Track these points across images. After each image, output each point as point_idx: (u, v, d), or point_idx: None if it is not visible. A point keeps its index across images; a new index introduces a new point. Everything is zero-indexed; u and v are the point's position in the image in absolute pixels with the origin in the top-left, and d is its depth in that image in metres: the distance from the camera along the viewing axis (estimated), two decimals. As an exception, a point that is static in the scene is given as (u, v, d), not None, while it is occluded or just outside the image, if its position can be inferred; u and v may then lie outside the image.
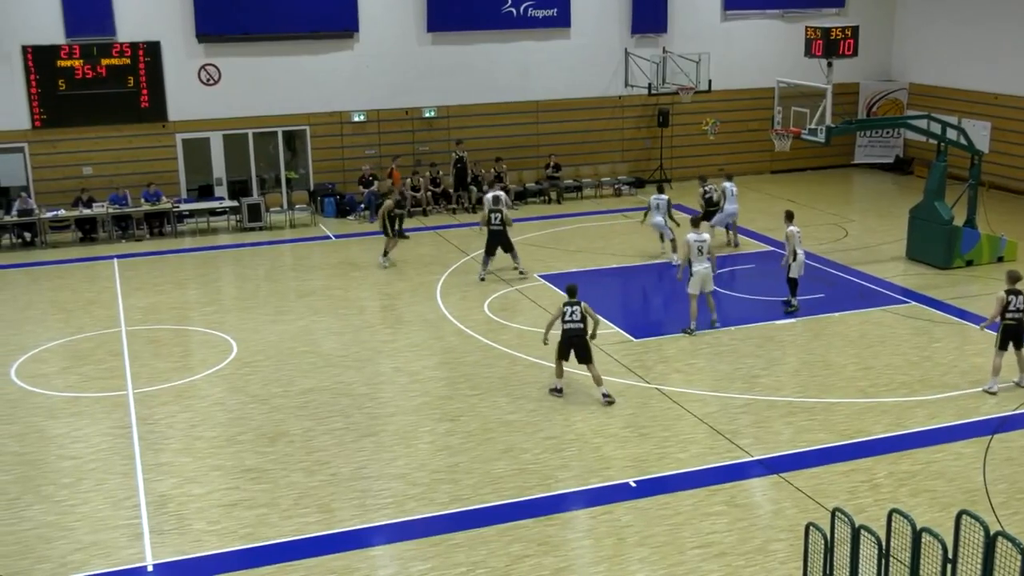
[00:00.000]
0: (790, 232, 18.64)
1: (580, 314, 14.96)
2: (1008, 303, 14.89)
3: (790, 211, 19.35)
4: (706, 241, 17.82)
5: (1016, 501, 12.02)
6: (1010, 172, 28.58)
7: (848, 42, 21.41)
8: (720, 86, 29.52)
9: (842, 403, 14.96)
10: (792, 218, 19.05)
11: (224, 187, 27.19)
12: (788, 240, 18.66)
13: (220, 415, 14.86)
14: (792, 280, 18.83)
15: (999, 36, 28.98)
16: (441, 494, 12.44)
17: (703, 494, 12.33)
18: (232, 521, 11.88)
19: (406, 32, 27.80)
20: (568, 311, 15.00)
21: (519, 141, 29.13)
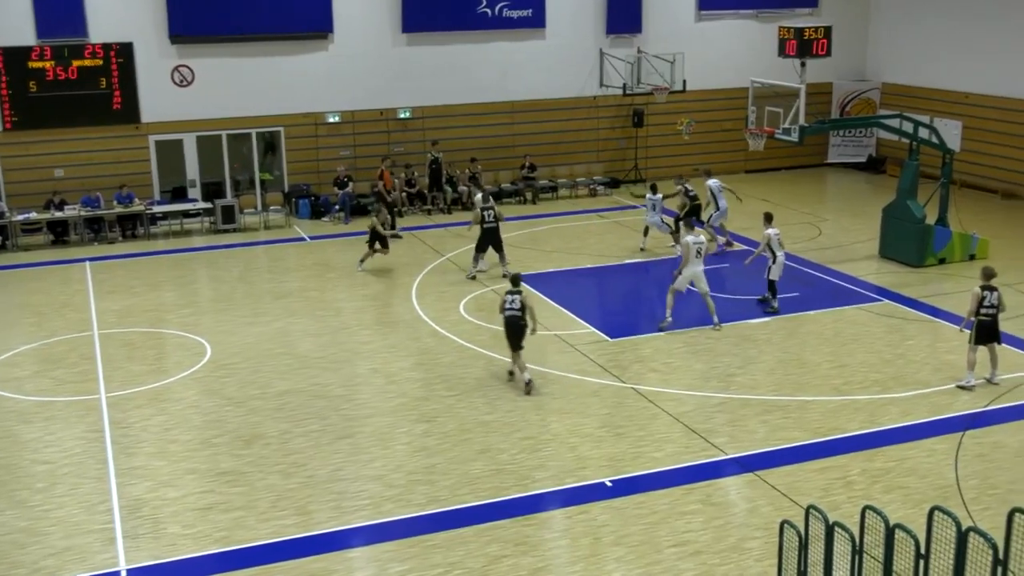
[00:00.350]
0: (766, 234, 18.75)
1: (520, 303, 15.31)
2: (983, 299, 15.03)
3: (769, 213, 19.45)
4: (703, 243, 18.17)
5: (987, 497, 12.13)
6: (981, 170, 28.83)
7: (821, 42, 21.53)
8: (694, 86, 29.62)
9: (816, 401, 15.05)
10: (771, 220, 19.16)
11: (198, 189, 27.04)
12: (764, 241, 18.76)
13: (195, 418, 14.79)
14: (772, 281, 18.93)
15: (970, 36, 29.23)
16: (418, 495, 12.43)
17: (678, 493, 12.38)
18: (207, 524, 11.82)
19: (381, 33, 27.75)
20: (509, 299, 15.40)
21: (495, 142, 29.14)
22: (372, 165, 27.77)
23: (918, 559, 7.88)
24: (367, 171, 27.82)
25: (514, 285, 15.75)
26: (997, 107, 28.43)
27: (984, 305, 15.04)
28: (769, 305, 19.00)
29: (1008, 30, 28.04)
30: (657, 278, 21.49)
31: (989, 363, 15.42)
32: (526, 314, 15.39)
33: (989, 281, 15.20)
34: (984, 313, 15.07)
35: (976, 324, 15.13)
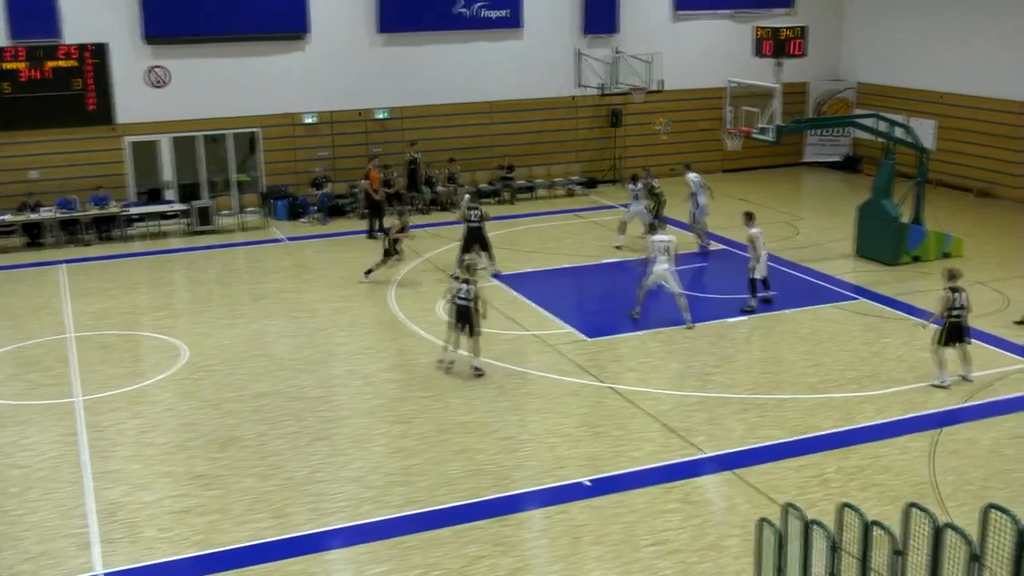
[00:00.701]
0: (752, 233, 18.79)
1: (474, 294, 15.86)
2: (952, 301, 15.11)
3: (750, 212, 19.48)
4: (671, 242, 18.23)
5: (963, 493, 12.21)
6: (956, 169, 29.03)
7: (797, 42, 21.66)
8: (671, 86, 29.69)
9: (793, 399, 15.11)
10: (752, 219, 19.18)
11: (174, 190, 26.89)
12: (751, 241, 18.81)
13: (171, 421, 14.71)
14: (753, 281, 18.98)
15: (944, 36, 29.44)
16: (396, 496, 12.40)
17: (657, 492, 12.40)
18: (184, 528, 11.75)
19: (358, 33, 27.69)
20: (464, 289, 15.91)
21: (473, 142, 29.11)
22: (350, 166, 27.72)
23: (895, 555, 7.91)
24: (345, 172, 27.75)
25: (469, 274, 16.22)
26: (971, 106, 28.63)
27: (954, 307, 15.09)
28: (748, 303, 19.05)
29: (981, 30, 28.26)
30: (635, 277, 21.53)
31: (961, 362, 15.48)
32: (477, 303, 15.90)
33: (955, 282, 15.26)
34: (954, 314, 15.12)
35: (947, 325, 15.18)
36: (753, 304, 19.02)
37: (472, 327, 15.97)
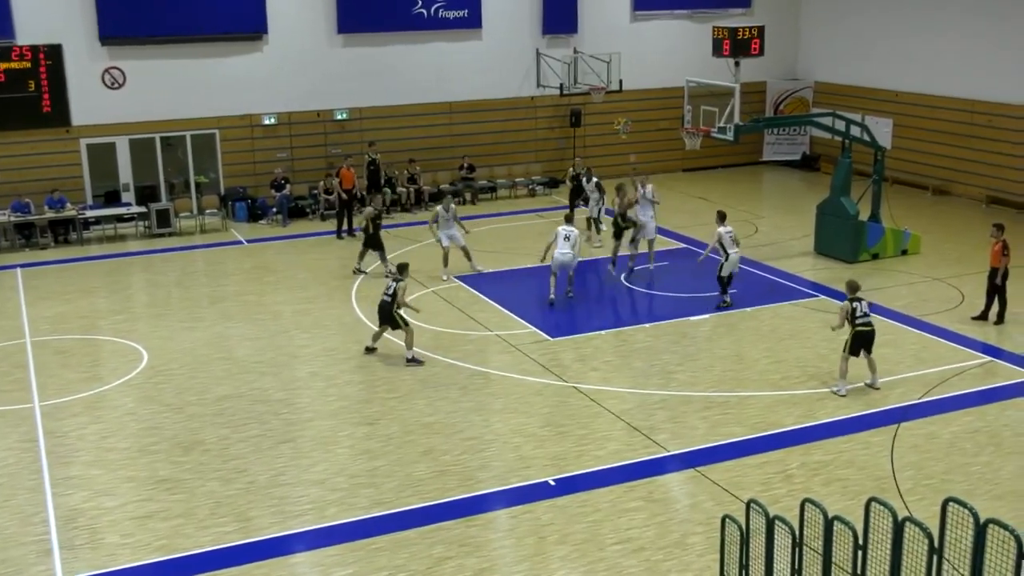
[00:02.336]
0: (717, 232, 18.92)
1: (393, 290, 16.55)
2: (854, 311, 15.19)
3: (722, 212, 19.61)
4: (575, 233, 19.16)
5: (922, 487, 12.38)
6: (912, 167, 29.39)
7: (754, 42, 21.80)
8: (631, 86, 29.81)
9: (755, 396, 15.24)
10: (724, 219, 19.32)
11: (131, 193, 26.59)
12: (715, 240, 18.92)
13: (132, 425, 14.56)
14: (721, 278, 19.12)
15: (900, 36, 29.80)
16: (361, 498, 12.37)
17: (621, 490, 12.46)
18: (147, 533, 11.65)
19: (316, 34, 27.55)
20: (387, 286, 16.81)
21: (433, 143, 29.05)
22: (310, 167, 27.58)
23: (856, 550, 8.00)
24: (304, 173, 27.61)
25: (399, 273, 16.93)
26: (926, 105, 29.01)
27: (857, 315, 15.14)
28: (722, 300, 19.18)
29: (937, 30, 28.63)
30: (596, 277, 21.62)
31: (869, 371, 15.48)
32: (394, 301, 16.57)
33: (855, 294, 15.38)
34: (860, 323, 15.13)
35: (853, 334, 15.15)
36: (727, 300, 19.15)
37: (392, 323, 16.60)
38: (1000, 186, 27.14)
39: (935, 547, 7.54)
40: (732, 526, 9.33)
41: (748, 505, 9.16)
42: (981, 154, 27.66)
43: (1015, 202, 26.53)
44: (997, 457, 13.17)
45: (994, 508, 11.28)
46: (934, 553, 7.54)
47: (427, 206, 27.48)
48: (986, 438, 13.71)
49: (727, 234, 18.94)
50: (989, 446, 13.48)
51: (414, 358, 16.60)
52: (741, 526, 9.16)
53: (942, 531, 7.65)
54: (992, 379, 15.77)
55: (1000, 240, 17.88)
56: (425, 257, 22.15)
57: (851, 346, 15.22)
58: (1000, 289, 18.00)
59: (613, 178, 25.83)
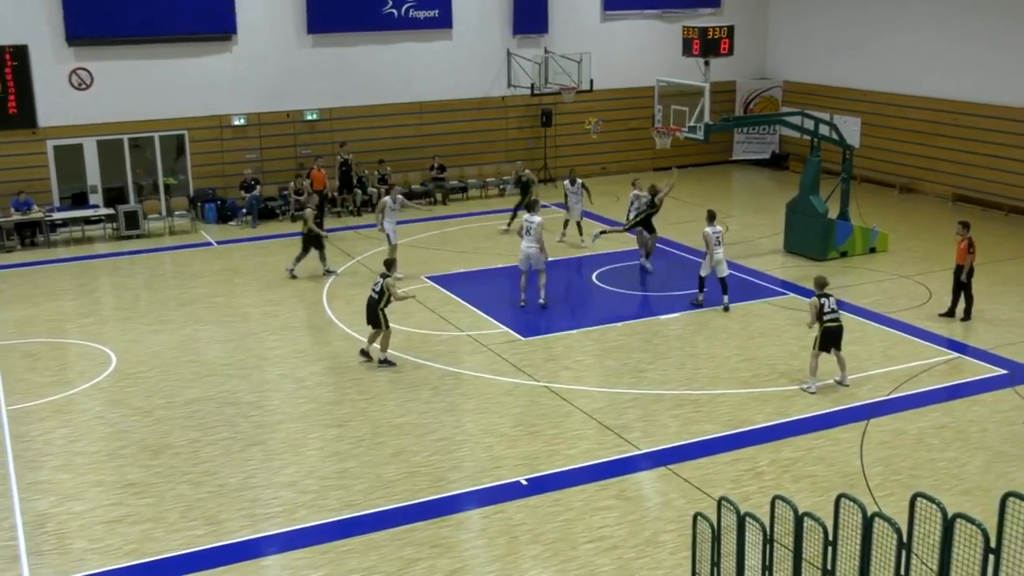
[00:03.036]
0: (704, 232, 18.96)
1: (380, 287, 16.30)
2: (821, 307, 15.25)
3: (712, 211, 19.60)
4: (534, 223, 18.86)
5: (891, 483, 12.47)
6: (880, 166, 29.62)
7: (724, 41, 21.89)
8: (601, 85, 29.88)
9: (726, 394, 15.30)
10: (713, 219, 19.33)
11: (99, 194, 26.36)
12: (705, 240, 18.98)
13: (101, 429, 14.43)
14: (702, 278, 19.18)
15: (866, 35, 30.04)
16: (332, 500, 12.31)
17: (593, 489, 12.47)
18: (116, 538, 11.55)
19: (286, 34, 27.42)
20: (374, 281, 16.62)
21: (404, 143, 28.99)
22: (279, 168, 27.45)
23: (826, 546, 8.04)
24: (274, 174, 27.48)
25: (387, 269, 16.78)
26: (894, 104, 29.24)
27: (825, 312, 15.19)
28: (695, 298, 19.26)
29: (903, 30, 28.87)
30: (568, 276, 21.65)
31: (838, 368, 15.54)
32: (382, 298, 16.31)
33: (823, 290, 15.44)
34: (828, 320, 15.19)
35: (822, 331, 15.22)
36: (700, 299, 19.22)
37: (375, 320, 16.35)
38: (966, 184, 27.40)
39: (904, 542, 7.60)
40: (703, 523, 9.36)
41: (719, 502, 9.18)
42: (948, 152, 27.91)
43: (981, 200, 26.79)
44: (964, 452, 13.29)
45: (961, 503, 11.39)
46: (903, 548, 7.59)
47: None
48: (953, 434, 13.83)
49: (713, 234, 18.96)
50: (956, 442, 13.59)
51: (387, 359, 16.54)
52: (712, 523, 9.19)
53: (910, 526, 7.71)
54: (959, 375, 15.92)
55: (966, 238, 18.05)
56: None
57: (820, 343, 15.30)
58: (966, 286, 18.16)
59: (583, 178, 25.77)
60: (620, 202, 27.42)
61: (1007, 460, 13.05)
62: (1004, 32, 26.07)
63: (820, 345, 15.29)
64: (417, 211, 21.62)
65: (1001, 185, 26.44)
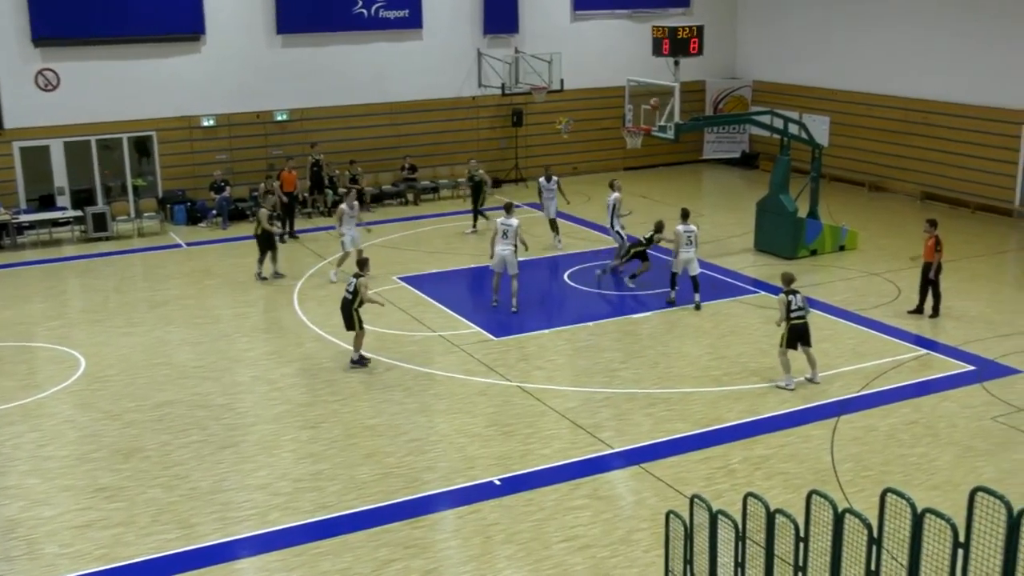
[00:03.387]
0: (676, 230, 19.02)
1: (354, 287, 16.20)
2: (789, 303, 15.34)
3: (685, 210, 19.69)
4: (512, 226, 18.69)
5: (862, 479, 12.57)
6: (849, 164, 29.84)
7: (693, 41, 21.96)
8: (572, 85, 29.94)
9: (698, 392, 15.37)
10: (686, 217, 19.40)
11: (67, 196, 26.13)
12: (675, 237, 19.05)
13: (70, 433, 14.31)
14: (674, 275, 19.26)
15: (835, 35, 30.25)
16: (305, 502, 12.27)
17: (566, 488, 12.49)
18: (87, 543, 11.45)
19: (255, 34, 27.29)
20: (348, 282, 16.52)
21: (375, 143, 28.92)
22: (250, 169, 27.31)
23: (798, 542, 8.09)
24: (244, 175, 27.35)
25: (360, 269, 16.63)
26: (862, 103, 29.47)
27: (792, 309, 15.29)
28: (669, 296, 19.34)
29: (871, 30, 29.10)
30: (540, 276, 21.67)
31: (808, 366, 15.61)
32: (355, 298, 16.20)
33: (791, 286, 15.54)
34: (794, 317, 15.27)
35: (788, 328, 15.34)
36: (672, 296, 19.30)
37: (347, 321, 16.30)
38: (934, 182, 27.65)
39: (874, 537, 7.66)
40: (676, 521, 9.40)
41: (692, 500, 9.22)
42: (916, 151, 28.16)
43: (949, 198, 27.06)
44: (933, 448, 13.41)
45: (930, 498, 11.49)
46: (873, 543, 7.65)
47: (368, 207, 27.45)
48: (923, 429, 13.96)
49: (685, 232, 19.03)
50: (926, 437, 13.72)
51: (360, 359, 16.51)
52: (685, 521, 9.23)
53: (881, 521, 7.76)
54: (928, 371, 16.06)
55: (933, 235, 18.21)
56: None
57: (787, 340, 15.39)
58: (934, 283, 18.33)
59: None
60: (592, 202, 27.57)
61: (976, 455, 13.19)
62: (971, 32, 26.33)
63: (787, 342, 15.38)
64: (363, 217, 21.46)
65: (969, 183, 26.71)
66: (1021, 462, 12.97)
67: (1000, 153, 25.91)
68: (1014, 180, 25.74)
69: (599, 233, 24.09)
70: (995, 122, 25.90)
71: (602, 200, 23.02)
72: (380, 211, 27.70)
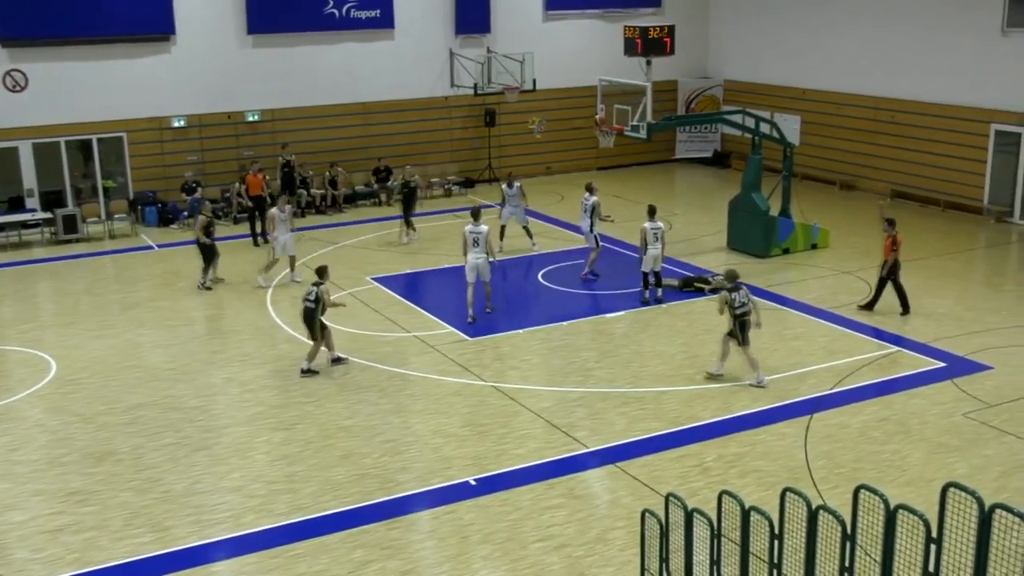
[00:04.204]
0: (642, 228, 19.07)
1: (316, 296, 16.04)
2: (733, 301, 15.36)
3: (652, 206, 19.74)
4: (482, 233, 18.36)
5: (835, 476, 12.65)
6: (820, 163, 30.03)
7: (665, 40, 22.04)
8: (544, 85, 29.97)
9: (672, 391, 15.42)
10: (652, 214, 19.45)
11: (36, 198, 25.88)
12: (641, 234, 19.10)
13: (41, 437, 14.18)
14: (644, 274, 19.29)
15: (805, 34, 30.44)
16: (280, 504, 12.22)
17: (542, 488, 12.50)
18: (58, 547, 11.35)
19: (226, 34, 27.13)
20: (307, 291, 16.28)
21: (347, 143, 28.83)
22: (221, 170, 27.17)
23: (772, 539, 8.14)
24: (216, 176, 27.20)
25: (319, 276, 16.46)
26: (832, 102, 29.68)
27: (736, 305, 15.39)
28: (643, 296, 19.38)
29: (841, 29, 29.31)
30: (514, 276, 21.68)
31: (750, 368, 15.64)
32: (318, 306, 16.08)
33: (734, 283, 15.57)
34: (739, 312, 15.36)
35: (738, 324, 15.41)
36: (646, 296, 19.35)
37: (312, 330, 16.18)
38: (904, 180, 27.88)
39: (848, 533, 7.71)
40: (652, 520, 9.43)
41: (667, 499, 9.25)
42: (886, 149, 28.38)
43: (919, 196, 27.29)
44: (905, 444, 13.52)
45: (903, 494, 11.59)
46: (847, 539, 7.71)
47: (342, 208, 27.44)
48: (894, 426, 14.07)
49: (651, 230, 19.09)
50: (897, 434, 13.83)
51: (338, 358, 16.55)
52: (661, 520, 9.26)
53: (854, 518, 7.82)
54: (898, 369, 16.19)
55: (891, 235, 18.38)
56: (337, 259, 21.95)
57: (741, 335, 15.45)
58: (894, 281, 18.43)
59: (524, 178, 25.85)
60: (565, 202, 27.63)
61: (947, 451, 13.31)
62: (940, 32, 26.56)
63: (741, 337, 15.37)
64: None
65: (938, 181, 26.95)
66: (991, 457, 13.10)
67: (969, 152, 26.16)
68: (983, 179, 25.99)
69: (573, 233, 24.12)
70: (964, 121, 26.15)
71: (576, 199, 23.06)
72: (353, 212, 27.62)
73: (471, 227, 18.52)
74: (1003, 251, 23.46)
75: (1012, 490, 12.13)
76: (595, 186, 21.48)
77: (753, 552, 8.36)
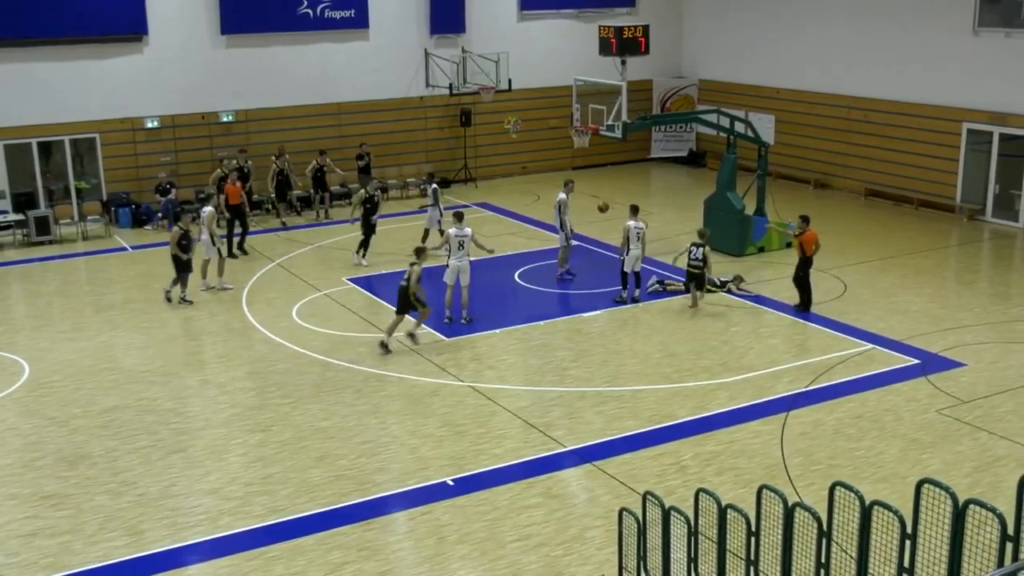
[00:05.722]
0: (625, 226, 19.13)
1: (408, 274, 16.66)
2: (690, 252, 17.43)
3: (635, 205, 19.79)
4: (467, 236, 18.34)
5: (811, 473, 12.72)
6: (794, 162, 30.18)
7: (640, 40, 22.08)
8: (520, 85, 29.96)
9: (648, 390, 15.45)
10: (635, 212, 19.50)
11: (7, 200, 25.63)
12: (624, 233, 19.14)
13: (14, 440, 14.05)
14: (624, 273, 19.33)
15: (778, 34, 30.59)
16: (256, 507, 12.16)
17: (519, 488, 12.51)
18: (32, 551, 11.26)
19: (199, 34, 26.97)
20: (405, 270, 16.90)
21: (322, 144, 28.66)
22: (196, 171, 27.00)
23: (749, 536, 8.17)
24: (190, 177, 27.03)
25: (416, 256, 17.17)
26: (806, 101, 29.83)
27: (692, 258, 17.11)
28: (619, 295, 19.42)
29: (815, 28, 29.46)
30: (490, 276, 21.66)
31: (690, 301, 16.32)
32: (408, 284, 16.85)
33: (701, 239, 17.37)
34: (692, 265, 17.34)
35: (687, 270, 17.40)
36: (623, 295, 19.39)
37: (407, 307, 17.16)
38: (877, 179, 28.06)
39: (824, 530, 7.76)
40: (629, 518, 9.45)
41: (644, 497, 9.28)
42: (859, 148, 28.55)
43: (891, 194, 27.47)
44: (880, 441, 13.61)
45: (878, 490, 11.67)
46: (823, 536, 7.75)
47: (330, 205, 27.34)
48: (869, 423, 14.15)
49: (635, 228, 19.13)
50: (872, 431, 13.92)
51: (411, 334, 17.45)
52: (638, 518, 9.28)
53: (830, 515, 7.87)
54: (873, 366, 16.29)
55: (805, 231, 18.60)
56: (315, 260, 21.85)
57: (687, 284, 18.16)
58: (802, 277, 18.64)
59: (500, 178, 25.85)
60: (541, 201, 27.64)
61: (921, 447, 13.40)
62: (912, 33, 26.75)
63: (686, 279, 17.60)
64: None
65: (911, 180, 27.14)
66: (965, 454, 13.21)
67: (942, 150, 26.35)
68: (955, 177, 26.19)
69: (549, 232, 24.13)
70: (936, 120, 26.35)
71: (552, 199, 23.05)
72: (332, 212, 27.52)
73: (455, 230, 18.37)
74: (976, 249, 23.66)
75: (985, 485, 12.24)
76: (572, 183, 21.45)
77: (730, 550, 8.40)
